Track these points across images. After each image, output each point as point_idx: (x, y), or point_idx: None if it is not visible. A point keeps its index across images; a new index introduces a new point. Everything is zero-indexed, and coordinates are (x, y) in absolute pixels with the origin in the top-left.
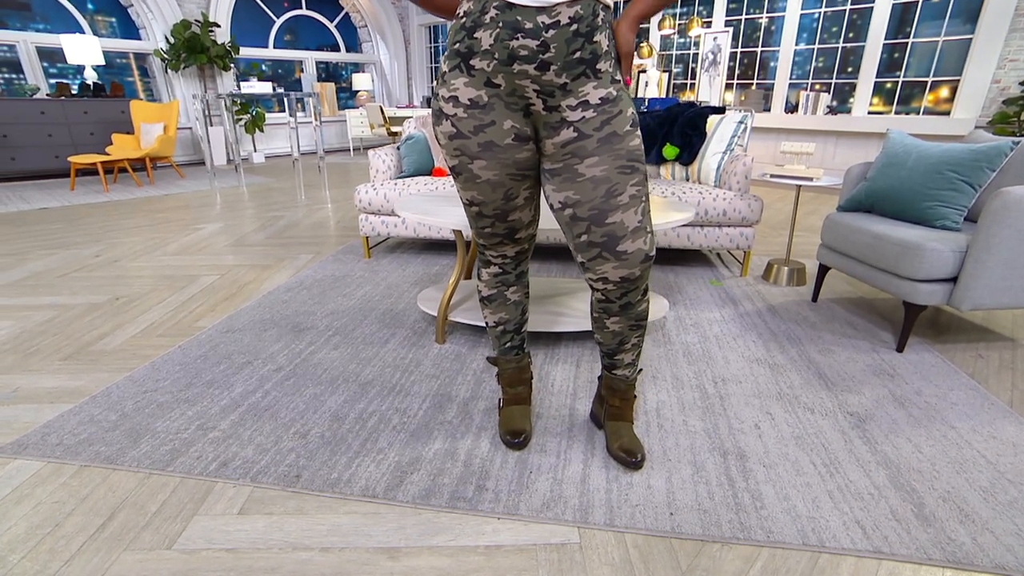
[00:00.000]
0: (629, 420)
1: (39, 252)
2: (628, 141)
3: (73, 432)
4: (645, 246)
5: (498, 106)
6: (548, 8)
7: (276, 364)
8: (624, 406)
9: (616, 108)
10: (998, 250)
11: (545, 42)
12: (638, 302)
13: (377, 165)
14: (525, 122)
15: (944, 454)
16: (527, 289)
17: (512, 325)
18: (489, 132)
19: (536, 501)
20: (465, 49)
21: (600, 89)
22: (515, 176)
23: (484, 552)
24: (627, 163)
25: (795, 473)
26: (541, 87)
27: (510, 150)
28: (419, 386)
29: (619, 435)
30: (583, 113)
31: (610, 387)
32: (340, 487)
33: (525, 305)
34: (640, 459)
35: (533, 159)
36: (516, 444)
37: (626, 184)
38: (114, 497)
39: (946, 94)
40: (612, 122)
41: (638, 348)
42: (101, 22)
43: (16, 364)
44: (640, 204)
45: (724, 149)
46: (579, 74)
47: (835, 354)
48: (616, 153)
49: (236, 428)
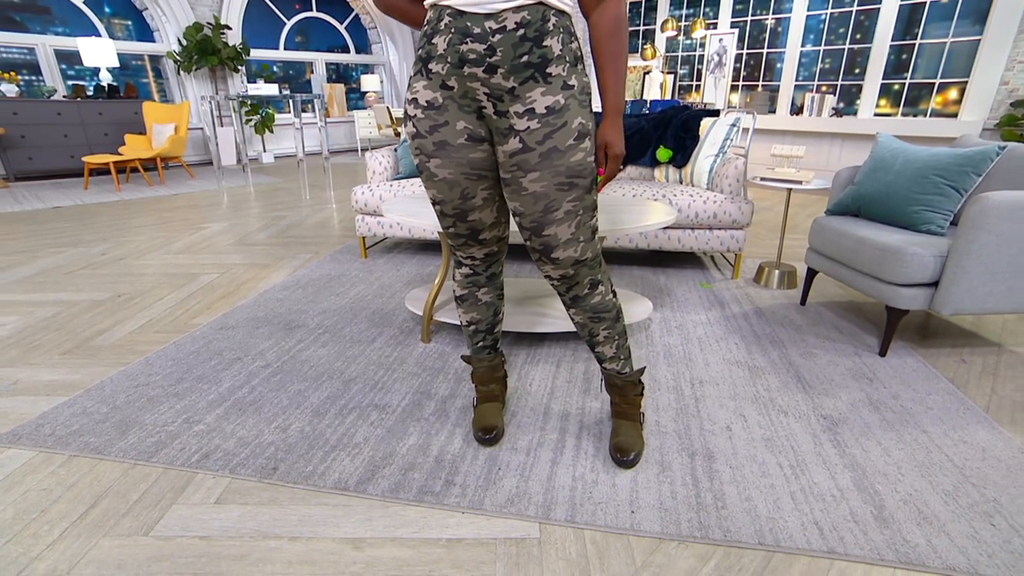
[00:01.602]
0: (631, 418)
1: (49, 250)
2: (569, 156)
3: (65, 423)
4: (576, 253)
5: (451, 107)
6: (495, 14)
7: (265, 361)
8: (623, 403)
9: (560, 120)
10: (978, 255)
11: (492, 46)
12: (586, 295)
13: (374, 167)
14: (479, 123)
15: (912, 457)
16: (500, 292)
17: (484, 325)
18: (443, 132)
19: (501, 497)
20: (424, 54)
21: (548, 96)
22: (470, 176)
23: (445, 545)
24: (565, 179)
25: (760, 474)
26: (490, 90)
27: (463, 149)
28: (400, 384)
29: (617, 432)
30: (528, 123)
31: (610, 383)
32: (314, 480)
33: (498, 307)
34: (632, 458)
35: (489, 160)
36: (487, 440)
37: (563, 200)
38: (99, 486)
39: (954, 96)
40: (555, 136)
41: (614, 342)
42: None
43: (18, 357)
44: (575, 218)
45: (716, 152)
46: (527, 78)
47: (817, 357)
48: (555, 170)
49: (220, 422)
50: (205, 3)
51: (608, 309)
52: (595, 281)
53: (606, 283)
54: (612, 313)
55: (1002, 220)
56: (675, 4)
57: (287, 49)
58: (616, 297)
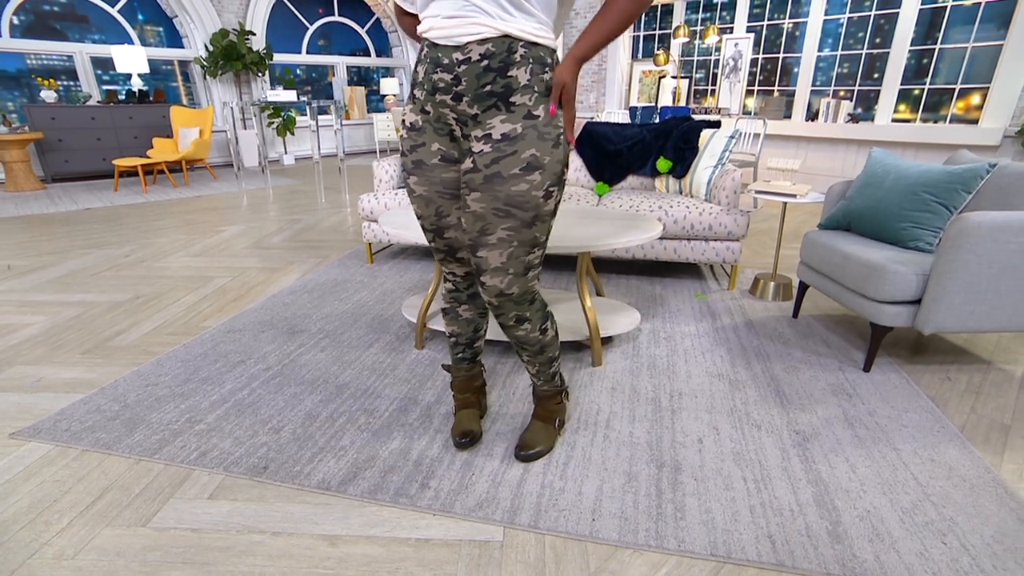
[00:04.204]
0: (545, 420)
1: (78, 251)
2: (511, 185)
3: (81, 420)
4: (501, 284)
5: (428, 130)
6: (461, 46)
7: (266, 364)
8: (541, 408)
9: (512, 148)
10: (959, 275)
11: (458, 76)
12: (511, 326)
13: (380, 175)
14: (452, 146)
15: (877, 475)
16: (482, 311)
17: (463, 339)
18: (420, 152)
19: (471, 501)
20: (412, 80)
21: (506, 124)
22: (443, 195)
23: (414, 544)
24: (503, 207)
25: (723, 487)
26: (458, 116)
27: (436, 169)
28: (390, 389)
29: (528, 428)
30: (482, 146)
31: (533, 389)
32: (300, 479)
33: (479, 324)
34: (531, 453)
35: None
36: (462, 444)
37: (497, 226)
38: (106, 479)
39: (976, 101)
40: (501, 162)
41: (534, 366)
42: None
43: (44, 356)
44: (508, 248)
45: (715, 163)
46: (490, 106)
47: (800, 372)
48: (495, 194)
49: (220, 422)
50: (231, 10)
51: (532, 344)
52: (521, 317)
53: (535, 320)
54: (535, 347)
55: (983, 240)
56: (691, 8)
57: (310, 53)
58: (546, 334)
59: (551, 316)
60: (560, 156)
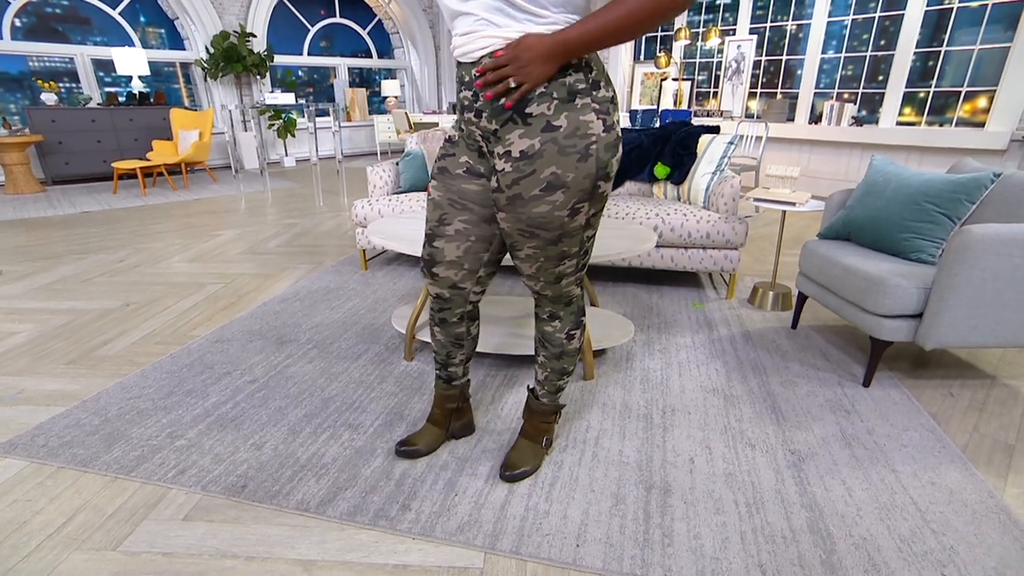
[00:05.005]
0: (532, 439)
1: (72, 256)
2: (532, 207)
3: (59, 435)
4: (536, 286)
5: (461, 144)
6: (476, 62)
7: (252, 376)
8: (530, 424)
9: (530, 167)
10: (962, 289)
11: (476, 92)
12: (543, 319)
13: (375, 181)
14: (480, 160)
15: (874, 499)
16: (455, 340)
17: (440, 357)
18: (447, 161)
19: (452, 524)
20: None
21: (524, 140)
22: (454, 203)
23: (391, 571)
24: (527, 227)
25: (714, 511)
26: (482, 132)
27: (458, 179)
28: (377, 403)
29: (514, 447)
30: (504, 165)
31: (528, 403)
32: (279, 499)
33: (451, 351)
34: (516, 474)
35: (480, 196)
36: (400, 452)
37: (524, 244)
38: (79, 499)
39: (983, 104)
40: (521, 183)
41: (545, 371)
42: (152, 33)
43: (27, 367)
44: (536, 263)
45: (714, 170)
46: (506, 120)
47: (797, 387)
48: (518, 216)
49: (201, 437)
50: (232, 12)
51: (554, 344)
52: (554, 314)
53: (567, 322)
54: (556, 349)
55: (986, 254)
56: (693, 9)
57: (311, 54)
58: (571, 341)
59: (583, 326)
60: (590, 170)
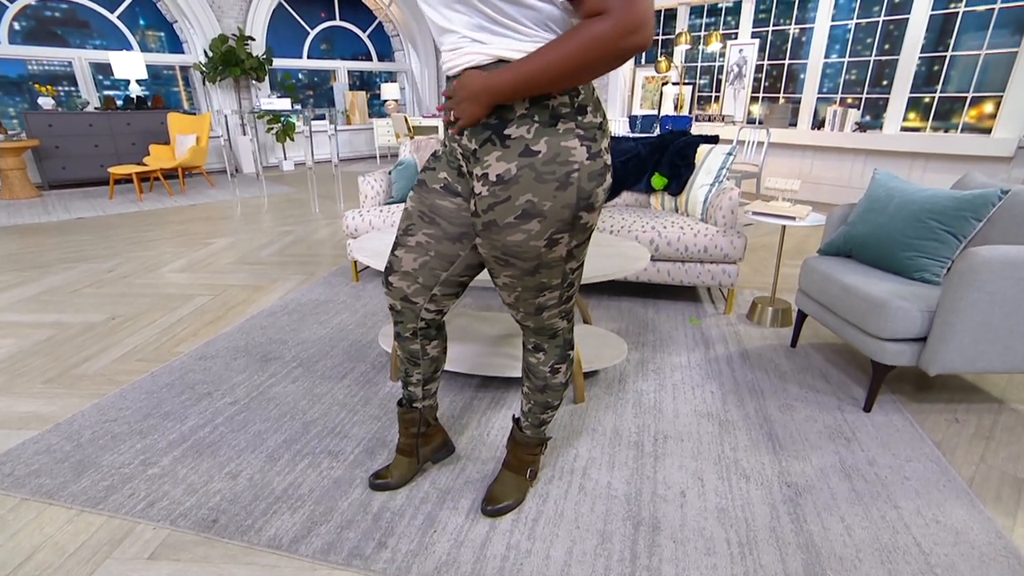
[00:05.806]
0: (516, 471)
1: (61, 265)
2: (507, 235)
3: (27, 462)
4: (516, 316)
5: (443, 159)
6: (458, 75)
7: (234, 397)
8: (513, 456)
9: (506, 193)
10: (967, 313)
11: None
12: (527, 350)
13: (366, 191)
14: (458, 179)
15: (875, 539)
16: (411, 358)
17: (400, 375)
18: (427, 174)
19: (429, 565)
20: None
21: (501, 163)
22: (423, 215)
23: None
24: (502, 255)
25: (704, 552)
26: (463, 150)
27: (434, 194)
28: (359, 428)
29: (497, 480)
30: (481, 188)
31: (512, 434)
32: (251, 535)
33: (409, 370)
34: (499, 508)
35: (453, 213)
36: (373, 485)
37: (500, 272)
38: (40, 535)
39: (989, 109)
40: (495, 208)
41: (529, 403)
42: (151, 36)
43: (3, 386)
44: (513, 292)
45: (712, 181)
46: (485, 140)
47: (795, 411)
48: (493, 243)
49: (175, 465)
50: (231, 15)
51: (539, 376)
52: (538, 346)
53: (550, 356)
54: (540, 382)
55: (994, 278)
56: (695, 12)
57: (311, 57)
58: (555, 375)
59: (570, 361)
60: (569, 200)
